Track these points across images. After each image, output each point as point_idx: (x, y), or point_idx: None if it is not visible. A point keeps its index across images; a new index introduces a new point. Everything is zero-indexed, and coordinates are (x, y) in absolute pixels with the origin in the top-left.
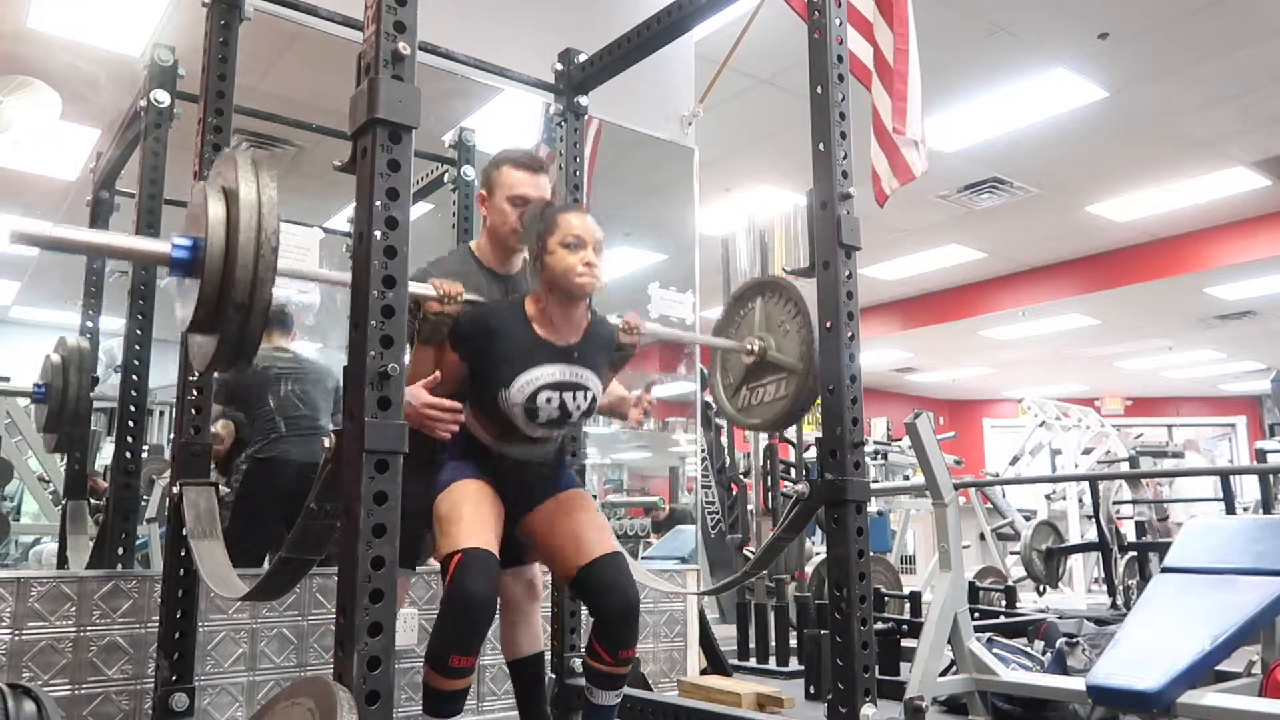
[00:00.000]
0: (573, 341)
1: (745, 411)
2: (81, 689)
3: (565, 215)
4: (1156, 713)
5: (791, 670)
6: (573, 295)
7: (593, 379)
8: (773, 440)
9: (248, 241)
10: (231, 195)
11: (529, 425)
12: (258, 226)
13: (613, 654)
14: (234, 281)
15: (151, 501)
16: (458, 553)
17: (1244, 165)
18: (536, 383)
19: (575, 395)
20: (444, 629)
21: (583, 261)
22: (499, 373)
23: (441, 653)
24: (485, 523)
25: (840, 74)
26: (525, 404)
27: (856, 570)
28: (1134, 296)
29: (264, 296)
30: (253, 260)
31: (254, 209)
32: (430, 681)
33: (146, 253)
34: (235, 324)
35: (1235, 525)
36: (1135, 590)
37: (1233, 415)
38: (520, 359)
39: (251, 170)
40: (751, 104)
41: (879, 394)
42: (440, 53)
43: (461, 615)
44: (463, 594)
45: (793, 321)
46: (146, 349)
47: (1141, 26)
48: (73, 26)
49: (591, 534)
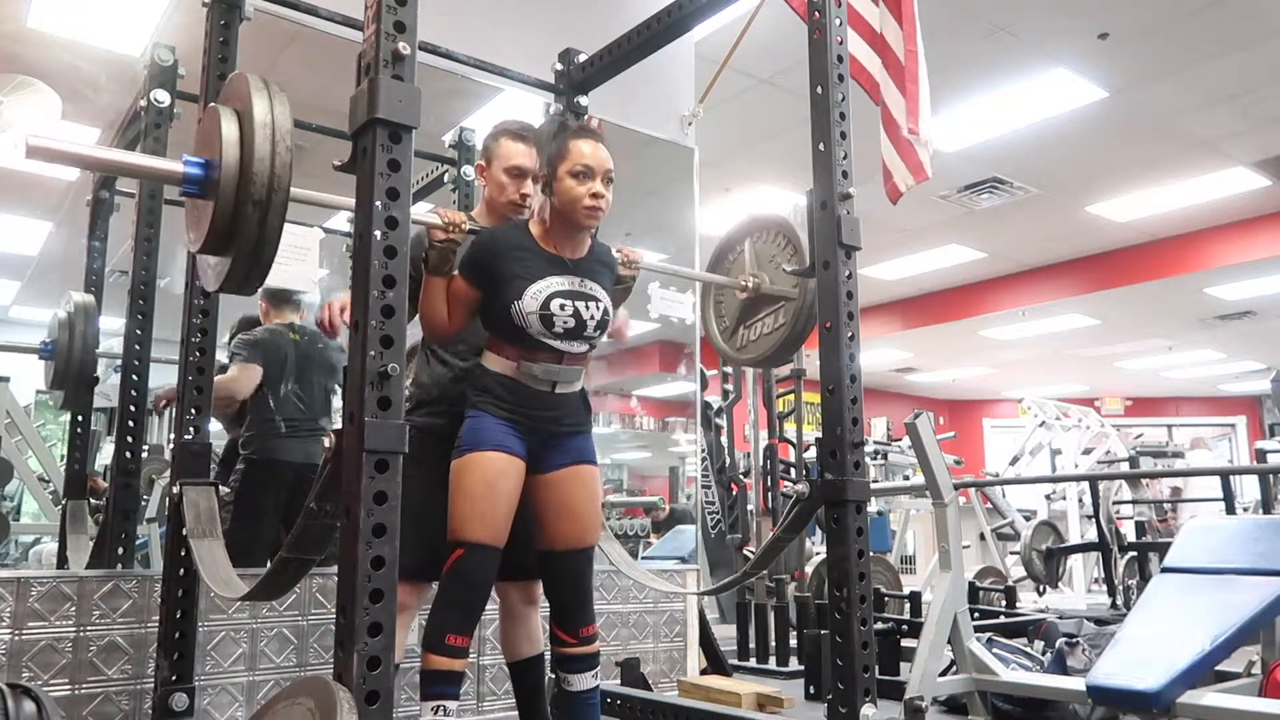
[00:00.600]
0: (578, 257)
1: (743, 349)
2: (81, 689)
3: (576, 142)
4: (1156, 713)
5: (791, 670)
6: (577, 226)
7: (602, 293)
8: (773, 440)
9: (263, 158)
10: (245, 115)
11: (546, 335)
12: (271, 143)
13: (573, 633)
14: (248, 200)
15: (151, 501)
16: (461, 546)
17: (1244, 165)
18: (548, 289)
19: (588, 305)
20: (441, 612)
21: (590, 193)
22: (511, 287)
23: (439, 632)
24: (498, 509)
25: (840, 74)
26: (540, 311)
27: (856, 570)
28: (1134, 296)
29: (278, 216)
30: (267, 178)
31: (267, 126)
32: (427, 664)
33: (158, 170)
34: (249, 243)
35: (1235, 525)
36: (1135, 590)
37: (1233, 415)
38: (529, 272)
39: (263, 88)
40: (751, 104)
41: (879, 394)
42: (440, 53)
43: (459, 601)
44: (463, 583)
45: (783, 253)
46: (146, 349)
47: (1142, 26)
48: (73, 26)
49: (581, 524)
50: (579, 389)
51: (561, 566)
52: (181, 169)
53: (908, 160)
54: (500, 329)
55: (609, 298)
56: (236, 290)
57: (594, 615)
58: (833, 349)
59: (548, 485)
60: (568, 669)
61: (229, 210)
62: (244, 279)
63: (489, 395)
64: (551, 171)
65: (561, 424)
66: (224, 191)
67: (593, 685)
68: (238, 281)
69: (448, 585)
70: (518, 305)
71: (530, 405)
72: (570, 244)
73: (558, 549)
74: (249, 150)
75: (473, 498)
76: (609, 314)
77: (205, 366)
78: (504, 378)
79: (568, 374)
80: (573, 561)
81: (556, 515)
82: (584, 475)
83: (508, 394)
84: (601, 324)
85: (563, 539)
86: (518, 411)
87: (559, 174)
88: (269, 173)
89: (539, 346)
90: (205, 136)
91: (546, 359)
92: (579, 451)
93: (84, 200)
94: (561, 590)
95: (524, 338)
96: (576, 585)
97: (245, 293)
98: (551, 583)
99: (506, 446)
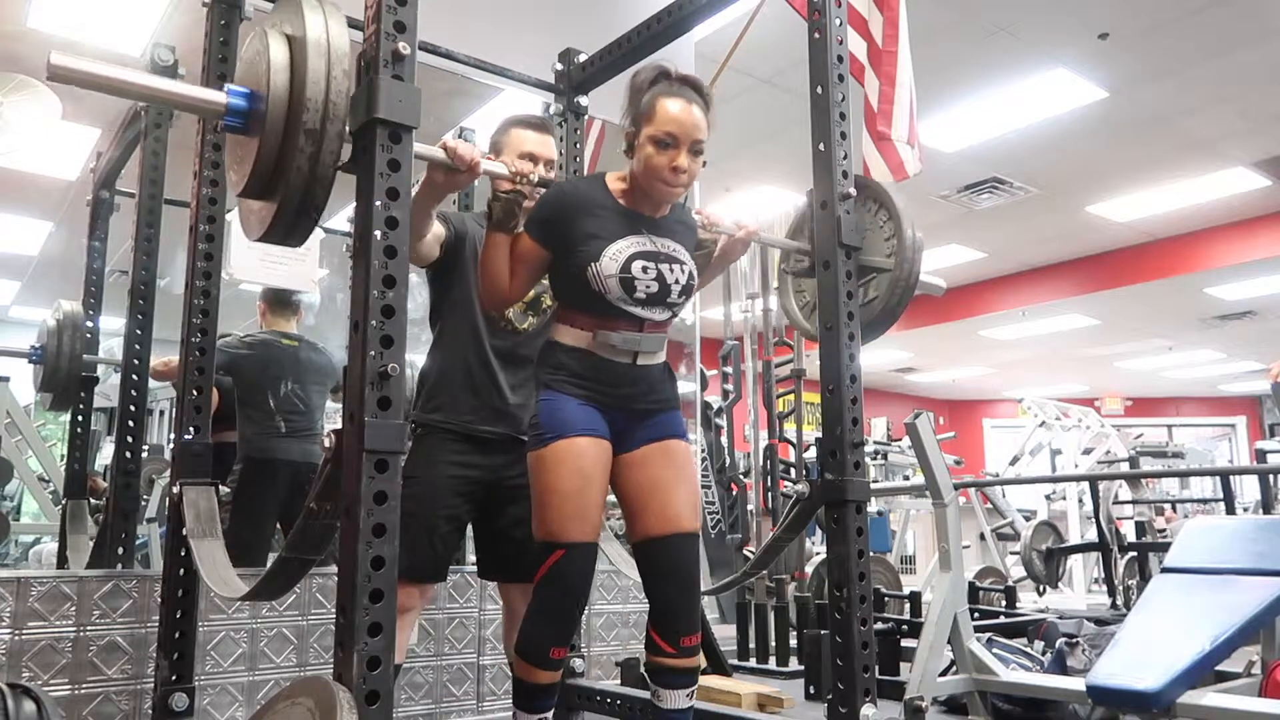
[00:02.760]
0: (660, 215)
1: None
2: (81, 689)
3: (665, 101)
4: (1156, 713)
5: (791, 670)
6: (653, 197)
7: (686, 255)
8: (773, 440)
9: (316, 92)
10: (296, 41)
11: (627, 300)
12: (326, 74)
13: (672, 642)
14: (299, 131)
15: (151, 501)
16: (561, 548)
17: (1244, 165)
18: (628, 250)
19: (672, 268)
20: (542, 621)
21: (670, 165)
22: (588, 247)
23: (541, 645)
24: (593, 500)
25: (840, 74)
26: (620, 274)
27: (856, 570)
28: (1134, 297)
29: (331, 154)
30: (320, 114)
31: (322, 52)
32: (526, 676)
33: (196, 100)
34: (298, 187)
35: (1235, 525)
36: (1135, 590)
37: (1233, 415)
38: (608, 230)
39: (319, 9)
40: (752, 104)
41: (879, 394)
42: (440, 53)
43: (562, 608)
44: (565, 588)
45: (873, 219)
46: (146, 349)
47: (1142, 27)
48: (73, 26)
49: (676, 506)
50: (661, 360)
51: (663, 554)
52: (224, 99)
53: (888, 158)
54: (573, 296)
55: (693, 261)
56: (281, 241)
57: (700, 622)
58: (833, 349)
59: (633, 465)
60: (663, 683)
61: (275, 146)
62: (289, 228)
63: (563, 372)
64: (634, 129)
65: (645, 399)
66: (271, 124)
67: (687, 706)
68: (283, 230)
69: (548, 593)
70: (595, 267)
71: (609, 380)
72: (651, 202)
73: (654, 534)
74: (299, 75)
75: (565, 493)
76: (694, 278)
77: (205, 366)
78: (579, 350)
79: (650, 343)
80: (675, 548)
81: (649, 496)
82: (673, 450)
83: (584, 369)
84: (686, 289)
85: (660, 522)
86: (596, 388)
87: (640, 137)
88: (324, 100)
89: (618, 314)
90: (249, 65)
91: (626, 327)
92: (666, 426)
93: (84, 200)
94: (666, 585)
95: (601, 304)
96: (683, 578)
97: (291, 243)
98: (653, 576)
99: (591, 428)
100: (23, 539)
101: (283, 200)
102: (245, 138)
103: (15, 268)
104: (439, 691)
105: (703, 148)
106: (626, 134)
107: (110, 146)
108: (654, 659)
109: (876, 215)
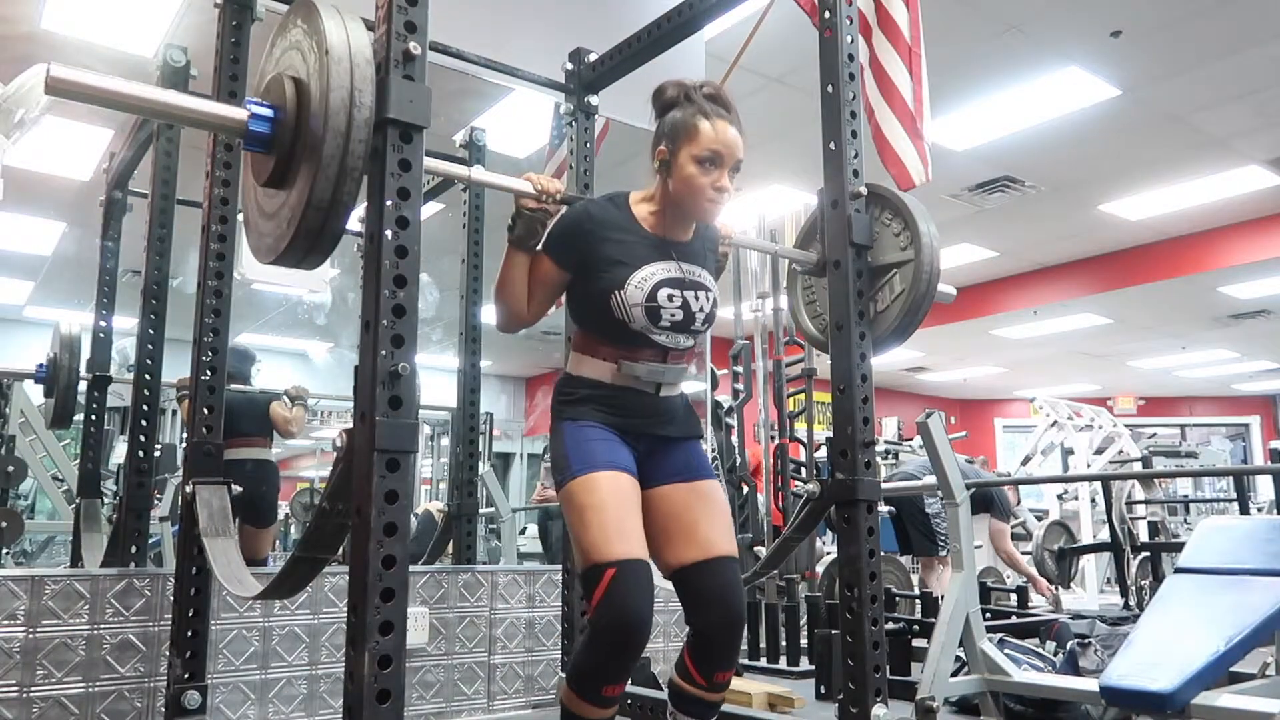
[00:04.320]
0: (685, 239)
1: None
2: (95, 686)
3: (705, 123)
4: (1171, 714)
5: (802, 670)
6: (692, 217)
7: (710, 280)
8: (783, 440)
9: (339, 103)
10: (317, 52)
11: (652, 329)
12: (350, 86)
13: (706, 675)
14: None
15: (164, 500)
16: (611, 566)
17: (1257, 163)
18: (655, 278)
19: (697, 295)
20: (597, 654)
21: (714, 185)
22: (612, 273)
23: (595, 681)
24: (633, 520)
25: (851, 73)
26: (645, 302)
27: (867, 570)
28: (1147, 295)
29: (357, 161)
30: (345, 125)
31: (346, 65)
32: (576, 709)
33: (213, 117)
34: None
35: (1250, 525)
36: (1148, 591)
37: (1246, 415)
38: (633, 256)
39: (337, 16)
40: (762, 103)
41: (890, 394)
42: (451, 53)
43: (620, 640)
44: (623, 615)
45: (881, 217)
46: (159, 349)
47: (1154, 24)
48: (86, 28)
49: (713, 531)
50: (681, 391)
51: (709, 579)
52: (243, 115)
53: (922, 155)
54: (594, 323)
55: (715, 284)
56: (293, 265)
57: (737, 660)
58: (844, 348)
59: (662, 496)
60: (686, 711)
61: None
62: (303, 252)
63: (588, 405)
64: (672, 149)
65: (668, 429)
66: (308, 141)
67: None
68: (295, 256)
69: (604, 621)
70: (620, 295)
71: (633, 413)
72: (680, 225)
73: (691, 560)
74: (322, 89)
75: (605, 508)
76: (717, 304)
77: (217, 366)
78: (601, 383)
79: (672, 374)
80: (719, 573)
81: (680, 523)
82: (704, 488)
83: (608, 401)
84: (710, 316)
85: (696, 548)
86: (621, 420)
87: (680, 156)
88: (347, 112)
89: (641, 343)
90: (272, 78)
91: (650, 357)
92: (692, 465)
93: (97, 201)
94: (708, 614)
95: (625, 333)
96: (729, 608)
97: (306, 266)
98: (697, 605)
99: (621, 464)
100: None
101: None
102: (266, 155)
103: (29, 268)
104: (449, 690)
105: (741, 166)
106: (659, 152)
107: (123, 147)
108: (682, 684)
109: (883, 213)
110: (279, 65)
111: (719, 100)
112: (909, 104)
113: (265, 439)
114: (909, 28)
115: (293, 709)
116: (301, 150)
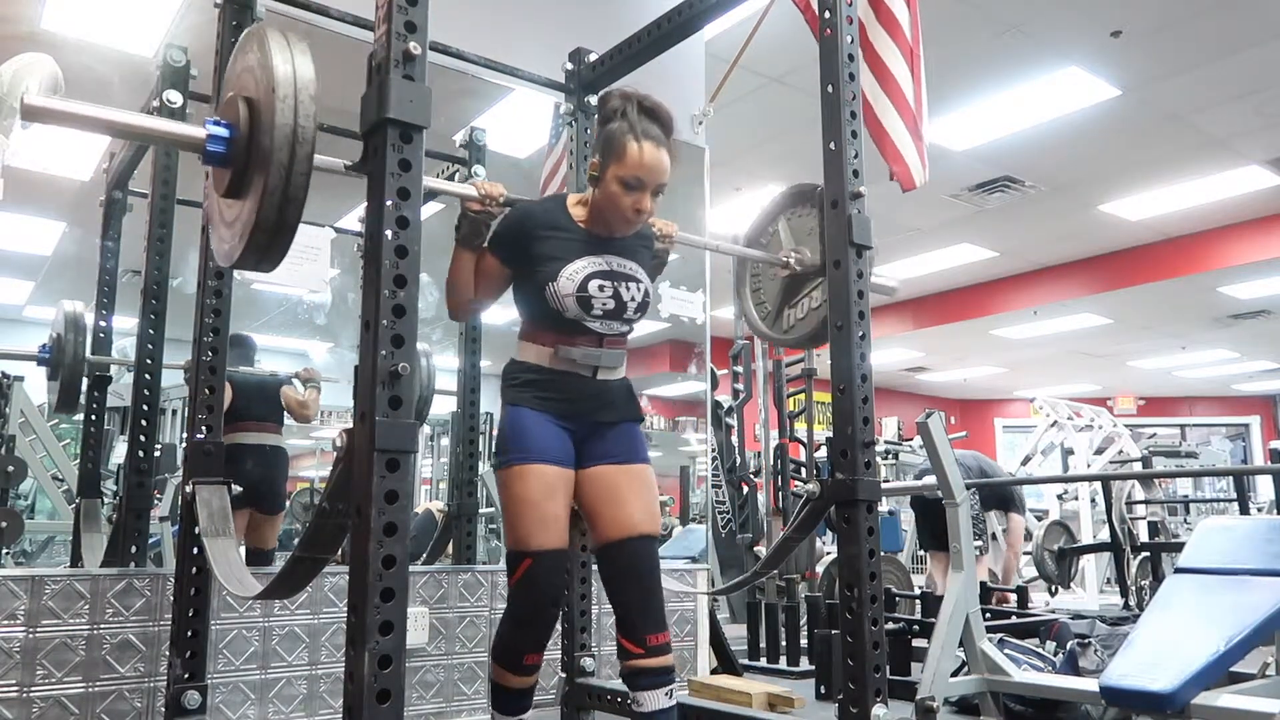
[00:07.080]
0: (619, 237)
1: (789, 331)
2: (95, 686)
3: (633, 145)
4: (1171, 714)
5: (802, 670)
6: (611, 231)
7: (642, 273)
8: (783, 440)
9: (284, 128)
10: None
11: (584, 317)
12: (294, 109)
13: (637, 641)
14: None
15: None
16: (528, 556)
17: (1257, 163)
18: (585, 271)
19: (628, 286)
20: (516, 629)
21: (634, 206)
22: (546, 267)
23: (516, 651)
24: (555, 511)
25: (851, 73)
26: (577, 292)
27: (867, 570)
28: (1147, 296)
29: (300, 179)
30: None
31: (289, 91)
32: (502, 680)
33: (176, 136)
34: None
35: (1250, 526)
36: (1148, 591)
37: (1247, 415)
38: (566, 251)
39: (284, 43)
40: (762, 103)
41: (890, 394)
42: (451, 52)
43: (534, 617)
44: (535, 597)
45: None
46: (159, 349)
47: (1154, 24)
48: (86, 28)
49: (636, 512)
50: (622, 376)
51: (619, 558)
52: (203, 135)
53: (922, 155)
54: (534, 313)
55: (649, 277)
56: (251, 269)
57: (665, 621)
58: (844, 348)
59: (593, 478)
60: (638, 685)
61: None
62: (259, 255)
63: (529, 389)
64: (602, 164)
65: (605, 413)
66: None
67: (668, 705)
68: (252, 259)
69: (521, 600)
70: (553, 286)
71: (571, 394)
72: (609, 225)
73: (610, 539)
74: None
75: (531, 502)
76: (649, 295)
77: (217, 366)
78: (541, 367)
79: (609, 358)
80: (631, 551)
81: (605, 504)
82: (633, 470)
83: (547, 384)
84: (642, 305)
85: (615, 528)
86: (558, 402)
87: (607, 172)
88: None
89: (577, 330)
90: (230, 99)
91: (585, 343)
92: (627, 449)
93: (97, 200)
94: (623, 588)
95: (561, 321)
96: (640, 579)
97: (263, 269)
98: (612, 580)
99: (554, 458)
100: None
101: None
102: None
103: (29, 268)
104: (449, 690)
105: (664, 189)
106: (592, 164)
107: (123, 147)
108: (626, 664)
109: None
110: (238, 83)
111: (657, 117)
112: (910, 103)
113: (277, 424)
114: (910, 28)
115: (293, 709)
116: (254, 167)
